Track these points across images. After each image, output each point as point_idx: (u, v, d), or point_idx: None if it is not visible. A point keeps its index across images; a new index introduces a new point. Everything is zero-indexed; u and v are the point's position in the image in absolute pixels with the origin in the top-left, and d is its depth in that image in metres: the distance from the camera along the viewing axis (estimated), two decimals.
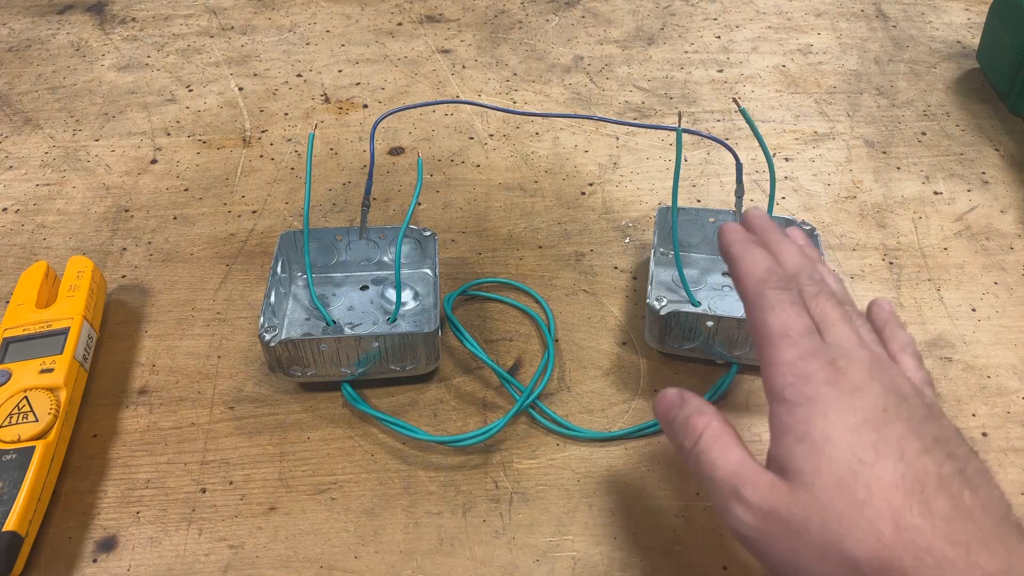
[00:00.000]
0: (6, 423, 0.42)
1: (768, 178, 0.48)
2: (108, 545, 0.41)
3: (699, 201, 0.60)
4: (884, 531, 0.27)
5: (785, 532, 0.28)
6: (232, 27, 0.81)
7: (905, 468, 0.28)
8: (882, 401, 0.30)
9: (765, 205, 0.58)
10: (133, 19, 0.82)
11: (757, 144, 0.47)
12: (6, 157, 0.66)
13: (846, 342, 0.32)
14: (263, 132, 0.67)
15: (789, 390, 0.31)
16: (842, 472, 0.28)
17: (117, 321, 0.52)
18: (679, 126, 0.47)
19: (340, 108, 0.70)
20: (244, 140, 0.67)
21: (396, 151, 0.65)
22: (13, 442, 0.42)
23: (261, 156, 0.65)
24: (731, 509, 0.30)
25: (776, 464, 0.30)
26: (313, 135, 0.49)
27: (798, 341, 0.32)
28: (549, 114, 0.60)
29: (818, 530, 0.28)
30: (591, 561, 0.40)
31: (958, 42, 0.77)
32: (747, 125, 0.46)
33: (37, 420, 0.42)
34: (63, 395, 0.44)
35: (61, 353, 0.46)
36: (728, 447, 0.32)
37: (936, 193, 0.61)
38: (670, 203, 0.49)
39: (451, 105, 0.70)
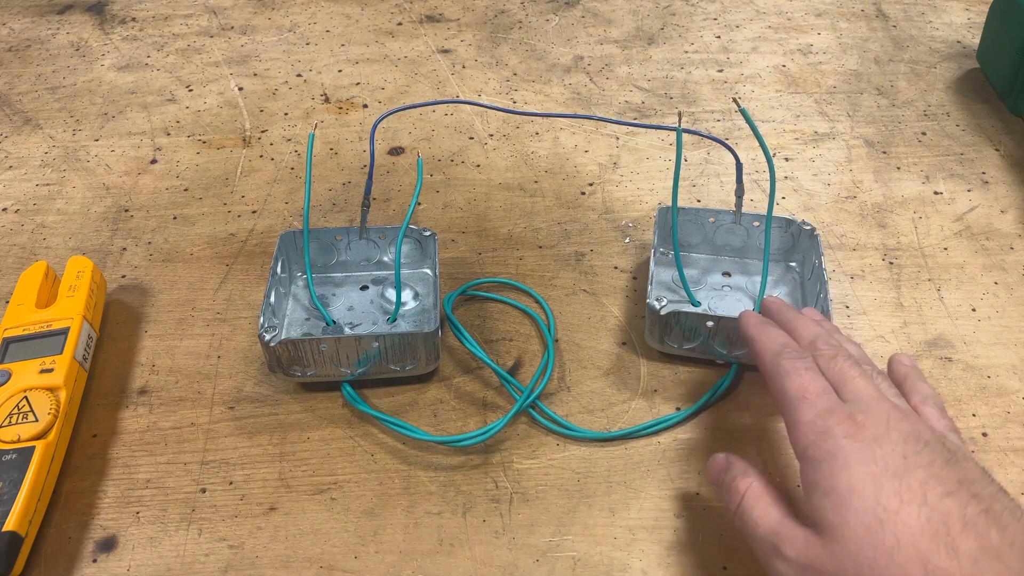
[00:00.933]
0: (6, 423, 0.42)
1: (768, 178, 0.48)
2: (108, 545, 0.41)
3: (699, 201, 0.60)
4: (914, 575, 0.28)
5: None
6: (232, 27, 0.81)
7: (929, 512, 0.29)
8: (901, 449, 0.31)
9: (765, 205, 0.58)
10: (133, 19, 0.82)
11: (757, 144, 0.47)
12: (6, 157, 0.66)
13: (864, 396, 0.34)
14: (263, 132, 0.67)
15: (812, 448, 0.32)
16: (869, 521, 0.29)
17: (117, 321, 0.52)
18: (679, 126, 0.47)
19: (340, 108, 0.70)
20: (244, 140, 0.67)
21: (396, 151, 0.65)
22: (13, 442, 0.42)
23: (261, 156, 0.65)
24: (773, 564, 0.32)
25: (809, 519, 0.31)
26: (313, 135, 0.49)
27: (815, 401, 0.34)
28: (549, 114, 0.60)
29: None
30: (591, 561, 0.40)
31: (958, 42, 0.77)
32: (747, 125, 0.46)
33: (37, 420, 0.42)
34: (63, 395, 0.44)
35: (61, 353, 0.46)
36: (768, 506, 0.33)
37: (936, 193, 0.61)
38: (670, 203, 0.49)
39: (451, 105, 0.70)
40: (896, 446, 0.31)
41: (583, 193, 0.61)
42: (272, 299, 0.48)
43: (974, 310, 0.52)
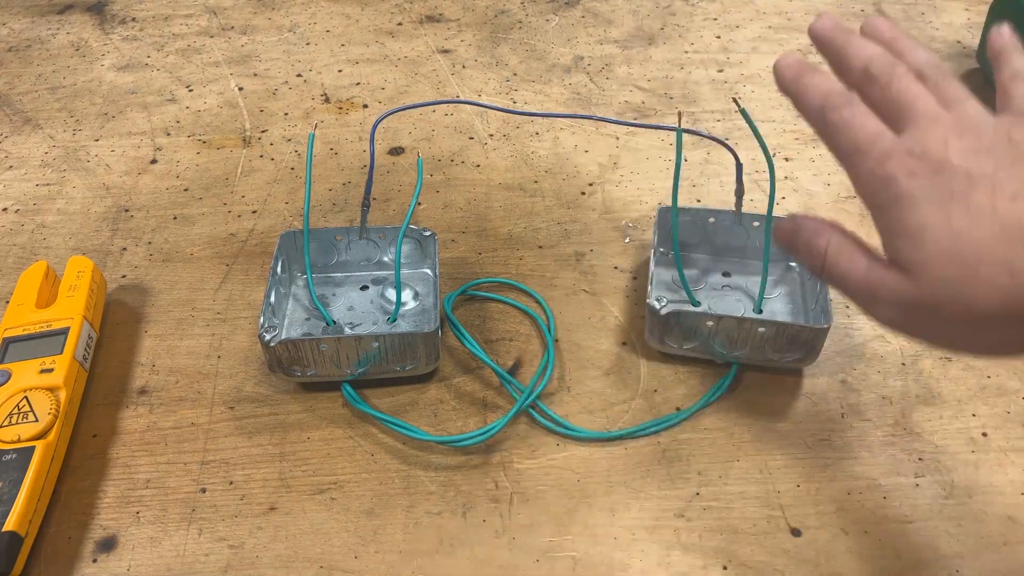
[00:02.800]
0: (6, 423, 0.42)
1: (768, 178, 0.48)
2: (108, 545, 0.41)
3: (699, 201, 0.60)
4: (1002, 282, 0.29)
5: (925, 315, 0.31)
6: (232, 27, 0.81)
7: (1001, 222, 0.29)
8: (963, 167, 0.30)
9: (765, 205, 0.58)
10: (133, 19, 0.82)
11: (757, 144, 0.47)
12: (6, 157, 0.66)
13: (920, 119, 0.32)
14: (263, 132, 0.67)
15: (876, 197, 0.32)
16: (946, 248, 0.30)
17: (117, 321, 0.52)
18: (679, 126, 0.47)
19: (340, 108, 0.70)
20: (244, 140, 0.67)
21: (396, 151, 0.65)
22: (13, 442, 0.42)
23: (261, 156, 0.65)
24: (874, 311, 0.32)
25: (893, 261, 0.32)
26: (313, 135, 0.49)
27: (869, 150, 0.32)
28: (549, 114, 0.60)
29: (949, 302, 0.30)
30: (591, 561, 0.40)
31: (958, 42, 0.77)
32: (747, 125, 0.46)
33: (37, 420, 0.42)
34: (63, 395, 0.44)
35: (61, 353, 0.46)
36: (852, 258, 0.33)
37: None
38: (670, 203, 0.49)
39: (451, 105, 0.70)
40: (957, 168, 0.30)
41: (583, 193, 0.61)
42: (272, 299, 0.48)
43: None
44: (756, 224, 0.52)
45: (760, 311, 0.50)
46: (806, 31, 0.83)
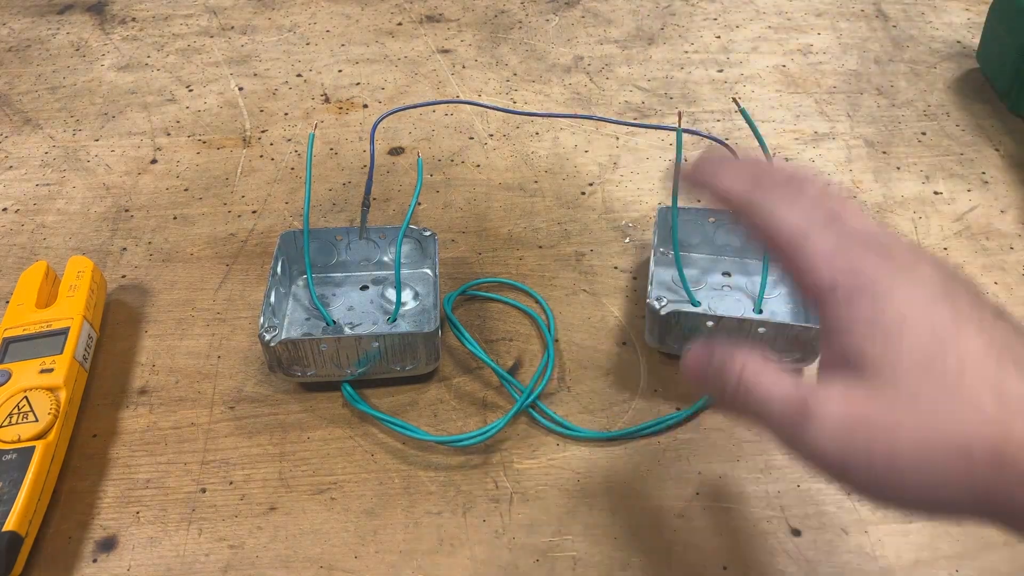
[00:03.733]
0: (6, 423, 0.42)
1: None
2: (108, 545, 0.41)
3: (699, 201, 0.60)
4: (986, 405, 0.23)
5: (876, 438, 0.24)
6: (232, 27, 0.81)
7: (988, 335, 0.25)
8: (939, 275, 0.26)
9: None
10: (133, 19, 0.82)
11: (757, 144, 0.47)
12: (6, 157, 0.66)
13: (872, 229, 0.28)
14: (263, 132, 0.67)
15: (841, 278, 0.26)
16: (925, 351, 0.25)
17: (117, 321, 0.52)
18: (679, 126, 0.47)
19: (340, 108, 0.70)
20: (244, 140, 0.67)
21: (396, 151, 0.65)
22: (13, 442, 0.42)
23: (261, 156, 0.65)
24: (805, 434, 0.26)
25: (843, 365, 0.26)
26: (313, 135, 0.49)
27: (825, 233, 0.28)
28: (549, 114, 0.60)
29: (913, 425, 0.24)
30: (591, 561, 0.40)
31: (958, 42, 0.77)
32: (747, 125, 0.46)
33: (37, 420, 0.42)
34: (63, 395, 0.44)
35: (61, 353, 0.46)
36: (776, 374, 0.27)
37: (936, 193, 0.61)
38: (670, 203, 0.49)
39: (451, 105, 0.70)
40: (934, 273, 0.26)
41: (583, 193, 0.61)
42: (272, 299, 0.48)
43: None
44: None
45: (760, 311, 0.50)
46: (806, 31, 0.83)
